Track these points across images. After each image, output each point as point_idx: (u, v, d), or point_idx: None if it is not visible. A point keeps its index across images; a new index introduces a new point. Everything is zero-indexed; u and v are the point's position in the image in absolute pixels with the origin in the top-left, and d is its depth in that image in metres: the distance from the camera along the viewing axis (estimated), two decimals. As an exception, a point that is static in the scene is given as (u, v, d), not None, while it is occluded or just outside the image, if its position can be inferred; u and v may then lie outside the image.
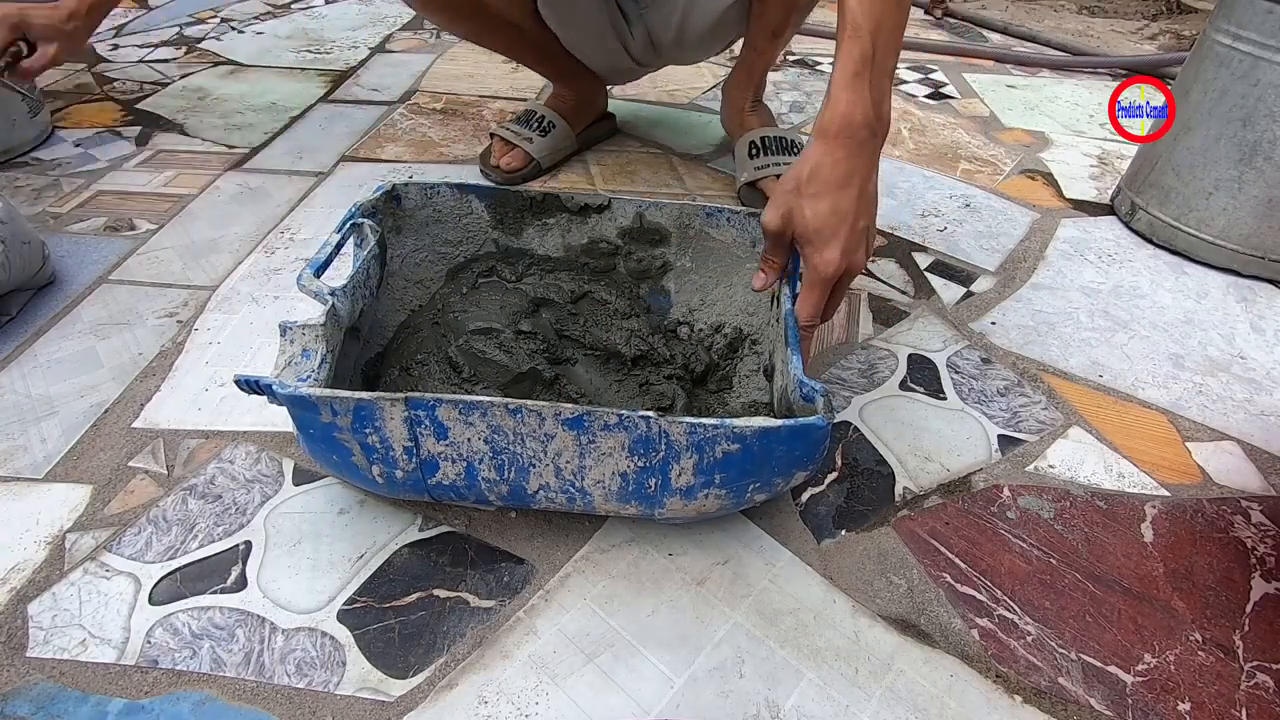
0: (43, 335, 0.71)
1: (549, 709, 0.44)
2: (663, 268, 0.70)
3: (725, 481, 0.47)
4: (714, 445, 0.45)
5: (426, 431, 0.46)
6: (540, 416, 0.45)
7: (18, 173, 0.96)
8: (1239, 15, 0.78)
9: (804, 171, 0.51)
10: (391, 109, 1.19)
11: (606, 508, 0.51)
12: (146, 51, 1.40)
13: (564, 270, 0.70)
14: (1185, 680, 0.47)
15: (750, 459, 0.46)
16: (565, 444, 0.47)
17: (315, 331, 0.50)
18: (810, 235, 0.50)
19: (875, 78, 0.50)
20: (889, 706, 0.45)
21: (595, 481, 0.49)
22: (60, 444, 0.60)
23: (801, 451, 0.46)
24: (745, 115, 0.98)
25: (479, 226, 0.68)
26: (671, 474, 0.47)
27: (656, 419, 0.44)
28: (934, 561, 0.53)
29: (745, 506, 0.52)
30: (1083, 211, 0.96)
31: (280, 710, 0.44)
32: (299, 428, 0.48)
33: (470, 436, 0.47)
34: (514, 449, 0.47)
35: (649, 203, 0.67)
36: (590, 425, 0.45)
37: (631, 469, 0.47)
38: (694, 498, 0.48)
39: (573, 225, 0.69)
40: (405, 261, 0.67)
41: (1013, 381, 0.69)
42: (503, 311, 0.67)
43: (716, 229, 0.66)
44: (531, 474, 0.49)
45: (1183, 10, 1.78)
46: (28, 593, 0.49)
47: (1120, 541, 0.55)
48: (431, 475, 0.49)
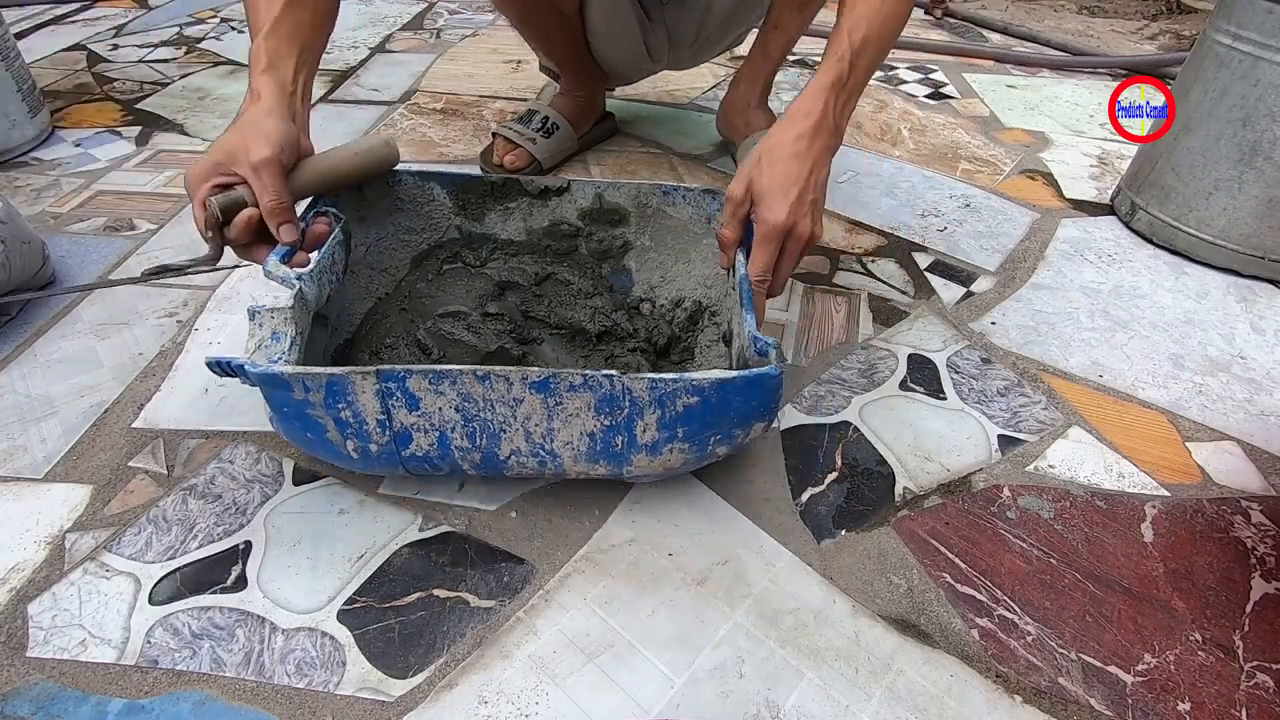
0: (43, 335, 0.71)
1: (549, 709, 0.44)
2: (623, 247, 0.71)
3: (688, 435, 0.49)
4: (675, 399, 0.47)
5: (398, 403, 0.48)
6: (508, 381, 0.47)
7: (18, 173, 0.96)
8: (1239, 15, 0.78)
9: (765, 146, 0.56)
10: (391, 109, 1.19)
11: (577, 469, 0.52)
12: (146, 51, 1.40)
13: (527, 253, 0.71)
14: (1185, 680, 0.47)
15: (709, 411, 0.48)
16: (534, 407, 0.48)
17: (284, 315, 0.51)
18: (763, 194, 0.55)
19: (845, 97, 0.58)
20: (889, 706, 0.45)
21: (565, 443, 0.50)
22: (60, 444, 0.60)
23: (757, 401, 0.49)
24: (750, 113, 0.98)
25: (441, 214, 0.70)
26: (637, 430, 0.49)
27: (619, 376, 0.46)
28: (934, 561, 0.53)
29: (708, 461, 0.53)
30: (1083, 211, 0.96)
31: (280, 710, 0.44)
32: (273, 407, 0.49)
33: (441, 405, 0.48)
34: (484, 416, 0.49)
35: (607, 183, 0.69)
36: (557, 387, 0.47)
37: (599, 428, 0.49)
38: (659, 453, 0.50)
39: (534, 209, 0.70)
40: (371, 250, 0.68)
41: (1013, 381, 0.69)
42: (468, 295, 0.69)
43: (673, 207, 0.69)
44: (503, 440, 0.50)
45: (1183, 10, 1.78)
46: (28, 593, 0.49)
47: (1120, 541, 0.55)
48: (405, 447, 0.50)
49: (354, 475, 0.58)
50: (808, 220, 0.55)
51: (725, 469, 0.59)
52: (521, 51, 1.40)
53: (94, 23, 1.54)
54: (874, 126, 1.18)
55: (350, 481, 0.58)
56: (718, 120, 1.06)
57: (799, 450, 0.61)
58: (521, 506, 0.56)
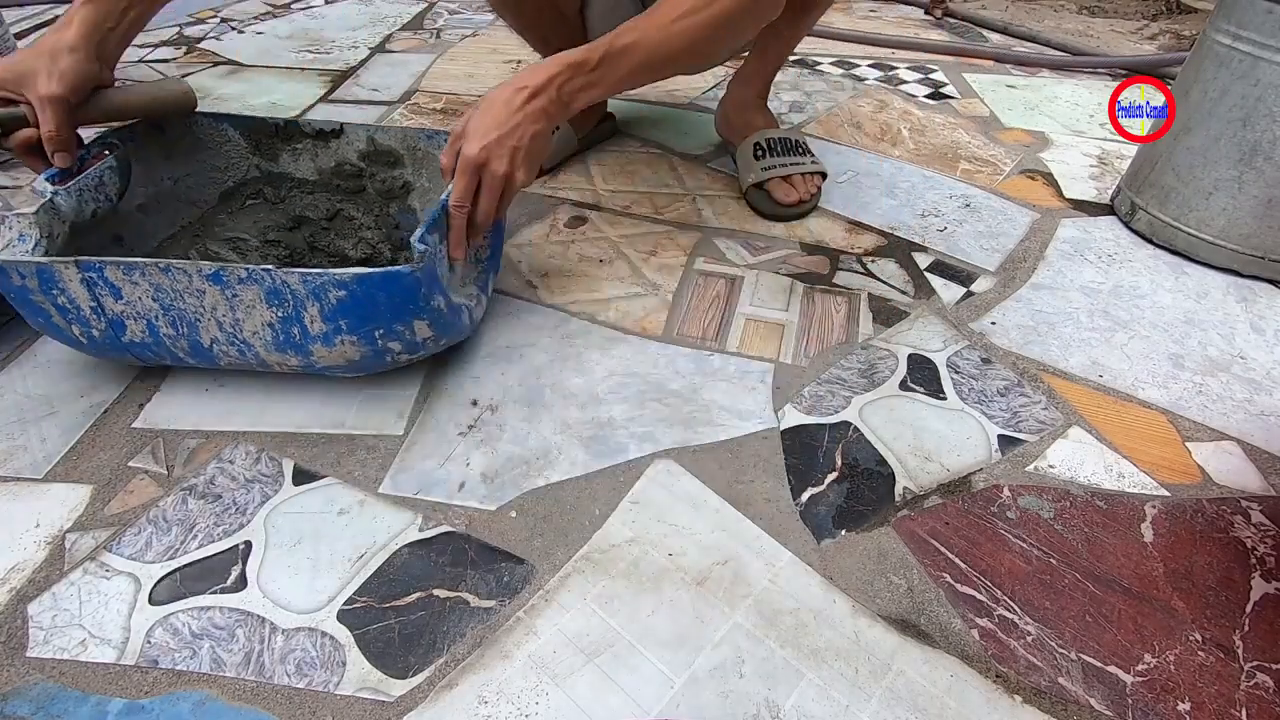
0: (43, 335, 0.71)
1: (549, 709, 0.44)
2: (404, 188, 0.79)
3: (351, 328, 0.57)
4: (327, 291, 0.54)
5: (104, 292, 0.56)
6: (186, 274, 0.54)
7: (18, 172, 0.96)
8: (1239, 15, 0.78)
9: (487, 95, 0.62)
10: (391, 109, 1.19)
11: (273, 359, 0.60)
12: (146, 51, 1.40)
13: (321, 191, 0.80)
14: (1185, 680, 0.47)
15: (360, 304, 0.55)
16: (216, 299, 0.56)
17: (30, 220, 0.58)
18: (469, 133, 0.60)
19: (581, 81, 0.62)
20: (889, 706, 0.45)
21: (253, 333, 0.58)
22: (60, 444, 0.60)
23: (401, 297, 0.56)
24: (750, 113, 0.98)
25: (240, 153, 0.79)
26: (306, 321, 0.56)
27: (275, 270, 0.53)
28: (934, 561, 0.53)
29: (388, 361, 0.61)
30: (1083, 211, 0.96)
31: (280, 710, 0.44)
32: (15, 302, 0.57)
33: (140, 295, 0.56)
34: (179, 306, 0.56)
35: (378, 126, 0.76)
36: (228, 279, 0.54)
37: (275, 319, 0.57)
38: (333, 344, 0.58)
39: (319, 150, 0.79)
40: (180, 184, 0.77)
41: (1013, 381, 0.69)
42: (256, 226, 0.76)
43: (439, 150, 0.75)
44: (200, 328, 0.58)
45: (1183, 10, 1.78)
46: (28, 593, 0.50)
47: (1120, 541, 0.55)
48: (122, 334, 0.59)
49: (354, 475, 0.58)
50: (503, 162, 0.60)
51: (725, 469, 0.59)
52: (521, 52, 1.40)
53: (94, 23, 1.54)
54: (874, 126, 1.18)
55: (350, 481, 0.58)
56: (716, 120, 1.06)
57: (799, 450, 0.61)
58: (521, 506, 0.56)
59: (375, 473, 0.58)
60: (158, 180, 0.74)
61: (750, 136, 0.95)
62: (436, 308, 0.59)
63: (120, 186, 0.68)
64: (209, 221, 0.76)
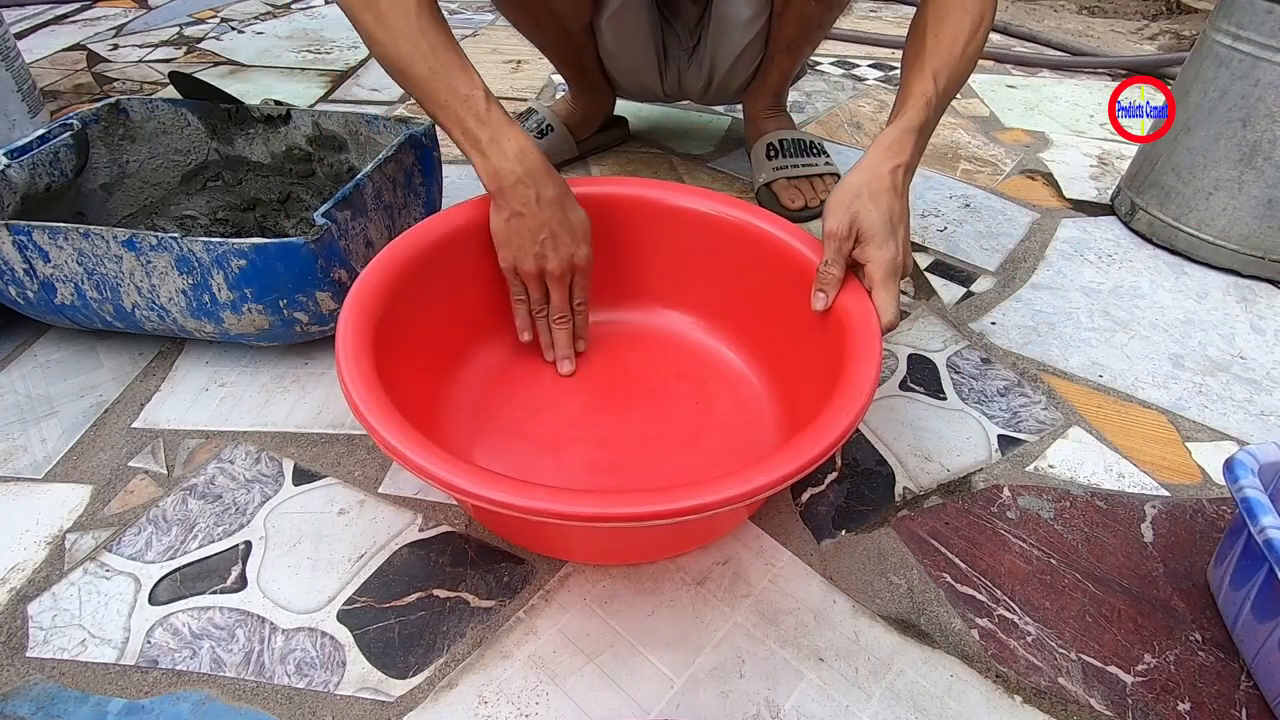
0: (43, 335, 0.71)
1: (549, 709, 0.44)
2: (350, 171, 0.81)
3: (256, 296, 0.59)
4: (229, 260, 0.57)
5: (34, 255, 0.59)
6: (104, 239, 0.57)
7: None
8: (1239, 15, 0.78)
9: (863, 181, 0.54)
10: (391, 109, 1.19)
11: (189, 325, 0.62)
12: (146, 51, 1.40)
13: (275, 175, 0.83)
14: (1185, 680, 0.47)
15: (260, 273, 0.57)
16: (133, 265, 0.58)
17: None
18: (877, 231, 0.52)
19: (926, 139, 0.58)
20: (889, 706, 0.45)
21: (169, 299, 0.60)
22: (60, 444, 0.60)
23: (300, 268, 0.58)
24: (762, 121, 0.99)
25: (199, 137, 0.82)
26: (214, 289, 0.58)
27: (181, 238, 0.56)
28: (934, 561, 0.53)
29: (298, 332, 0.63)
30: (1082, 211, 0.96)
31: (280, 710, 0.44)
32: None
33: (65, 259, 0.59)
34: (102, 270, 0.59)
35: (321, 111, 0.79)
36: (141, 246, 0.57)
37: (187, 286, 0.59)
38: (240, 312, 0.60)
39: (270, 135, 0.81)
40: (143, 166, 0.81)
41: (1013, 381, 0.69)
42: (209, 206, 0.81)
43: (379, 135, 0.77)
44: (122, 293, 0.60)
45: (1183, 10, 1.78)
46: (28, 593, 0.50)
47: (1120, 541, 0.55)
48: (54, 296, 0.62)
49: (354, 475, 0.58)
50: (910, 256, 0.55)
51: (725, 469, 0.59)
52: (521, 52, 1.40)
53: (94, 23, 1.55)
54: (874, 126, 1.18)
55: (350, 481, 0.58)
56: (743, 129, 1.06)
57: (799, 450, 0.61)
58: (521, 506, 0.56)
59: (375, 473, 0.58)
60: (122, 161, 0.79)
61: (765, 136, 0.96)
62: (337, 280, 0.61)
63: (77, 164, 0.73)
64: (168, 201, 0.81)
